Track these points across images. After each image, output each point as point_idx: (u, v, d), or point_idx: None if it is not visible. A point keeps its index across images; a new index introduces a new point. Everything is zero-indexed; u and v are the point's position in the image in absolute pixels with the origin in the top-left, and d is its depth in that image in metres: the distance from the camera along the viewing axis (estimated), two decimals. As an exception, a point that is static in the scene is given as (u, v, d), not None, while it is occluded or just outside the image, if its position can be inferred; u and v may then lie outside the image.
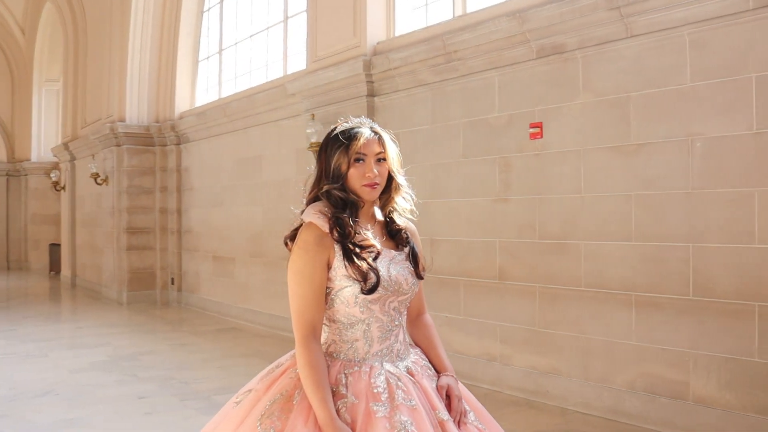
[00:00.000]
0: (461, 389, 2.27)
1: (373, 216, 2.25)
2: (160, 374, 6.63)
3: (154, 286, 11.90)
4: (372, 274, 2.09)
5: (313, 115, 7.73)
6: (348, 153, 2.15)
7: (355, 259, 2.09)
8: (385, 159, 2.19)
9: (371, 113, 7.35)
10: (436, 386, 2.21)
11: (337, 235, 2.10)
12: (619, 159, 5.05)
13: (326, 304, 2.16)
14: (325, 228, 2.11)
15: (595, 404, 5.18)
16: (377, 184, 2.17)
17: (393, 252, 2.23)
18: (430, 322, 2.43)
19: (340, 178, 2.16)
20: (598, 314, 5.19)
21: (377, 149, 2.18)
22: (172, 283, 11.86)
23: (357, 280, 2.09)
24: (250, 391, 2.20)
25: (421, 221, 2.38)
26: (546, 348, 5.57)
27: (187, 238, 11.59)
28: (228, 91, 10.72)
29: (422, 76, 6.74)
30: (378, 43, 7.38)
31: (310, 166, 2.33)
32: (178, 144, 11.65)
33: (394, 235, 2.27)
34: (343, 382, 2.08)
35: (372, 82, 7.29)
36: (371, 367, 2.12)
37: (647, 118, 4.87)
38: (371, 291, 2.09)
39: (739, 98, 4.36)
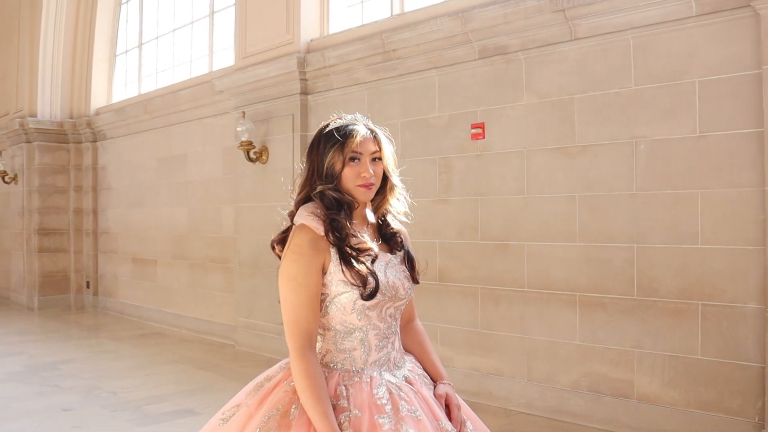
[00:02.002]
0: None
1: (365, 218, 2.13)
2: (84, 384, 6.27)
3: (68, 290, 11.31)
4: (371, 279, 1.98)
5: (243, 113, 7.51)
6: (343, 151, 2.02)
7: (354, 263, 1.97)
8: (380, 158, 2.08)
9: (304, 111, 7.22)
10: (434, 395, 2.13)
11: (333, 238, 1.97)
12: (562, 160, 5.09)
13: (320, 311, 2.03)
14: (320, 231, 1.99)
15: (539, 404, 5.21)
16: (372, 184, 2.06)
17: (389, 256, 2.12)
18: (421, 328, 2.33)
19: (333, 178, 2.03)
20: (542, 315, 5.22)
21: (373, 148, 2.06)
22: (88, 287, 11.31)
23: (356, 285, 1.97)
24: (237, 406, 2.05)
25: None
26: (488, 349, 5.57)
27: (104, 239, 11.08)
28: (148, 87, 10.30)
29: (359, 74, 6.64)
30: (312, 41, 7.23)
31: (301, 165, 2.19)
32: (95, 141, 11.11)
33: (388, 238, 2.16)
34: (344, 394, 1.96)
35: (306, 80, 7.15)
36: (371, 378, 2.01)
37: (591, 120, 4.93)
38: (371, 296, 1.97)
39: (682, 102, 4.46)
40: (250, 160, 7.55)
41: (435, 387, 2.17)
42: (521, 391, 5.32)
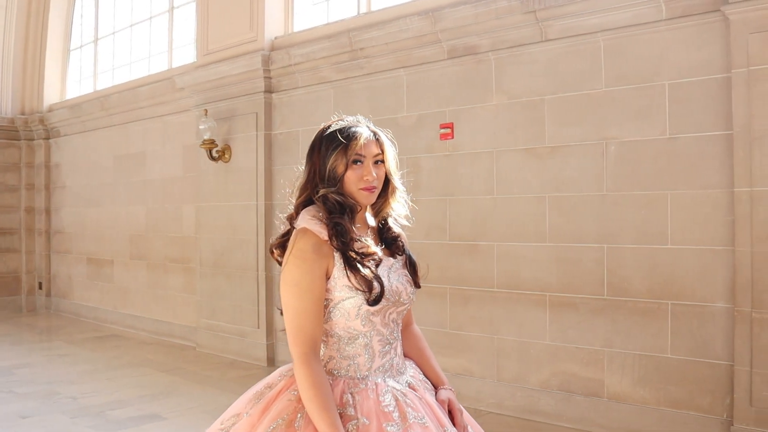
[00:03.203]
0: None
1: (366, 221, 2.09)
2: (42, 389, 6.07)
3: (20, 291, 10.95)
4: (376, 284, 1.94)
5: (206, 110, 7.37)
6: (346, 154, 1.98)
7: (360, 268, 1.92)
8: (383, 161, 2.04)
9: (268, 110, 7.12)
10: (437, 400, 2.10)
11: (338, 242, 1.92)
12: (532, 161, 5.11)
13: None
14: (323, 235, 1.93)
15: (509, 404, 5.22)
16: (375, 187, 2.02)
17: (391, 260, 2.08)
18: (419, 333, 2.30)
19: (336, 181, 1.99)
20: (511, 315, 5.24)
21: (375, 150, 2.03)
22: (40, 288, 10.99)
23: (361, 291, 1.93)
24: (237, 415, 1.98)
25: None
26: (457, 349, 5.57)
27: (57, 239, 10.78)
28: (104, 83, 10.03)
29: (325, 73, 6.58)
30: (276, 38, 7.14)
31: (299, 167, 2.13)
32: (48, 138, 10.80)
33: (389, 242, 2.12)
34: (351, 402, 1.92)
35: (270, 78, 7.06)
36: (376, 385, 1.97)
37: (562, 121, 4.96)
38: (376, 302, 1.93)
39: (652, 104, 4.52)
40: (213, 158, 7.42)
41: (436, 392, 2.16)
42: (491, 391, 5.33)
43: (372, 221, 2.12)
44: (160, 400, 5.76)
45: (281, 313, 2.00)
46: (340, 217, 1.95)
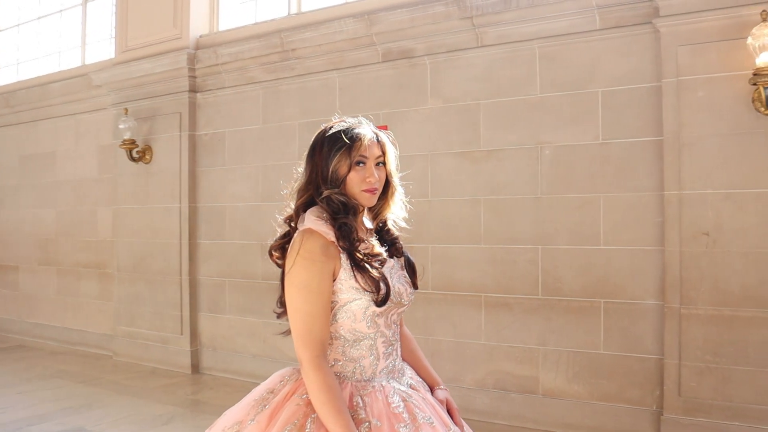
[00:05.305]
0: None
1: (363, 223, 2.09)
2: (-51, 407, 5.68)
3: None
4: (383, 285, 1.93)
5: (126, 109, 7.11)
6: (350, 155, 1.97)
7: (369, 268, 1.91)
8: (384, 163, 2.04)
9: (193, 110, 6.95)
10: (436, 400, 2.11)
11: (345, 243, 1.91)
12: (468, 164, 5.21)
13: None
14: (330, 236, 1.91)
15: (444, 403, 5.29)
16: (377, 189, 2.02)
17: (391, 261, 2.08)
18: (410, 334, 2.30)
19: (338, 182, 1.97)
20: (447, 316, 5.31)
21: (377, 152, 2.03)
22: (-66, 297, 10.28)
23: (369, 291, 1.92)
24: (239, 423, 1.91)
25: (253, 225, 2.21)
26: (392, 351, 5.59)
27: (-47, 244, 10.12)
28: (7, 78, 9.50)
29: (253, 73, 6.48)
30: (201, 36, 6.98)
31: (299, 169, 2.09)
32: (-57, 136, 10.14)
33: (389, 244, 2.12)
34: (361, 405, 1.90)
35: (195, 77, 6.89)
36: (383, 387, 1.97)
37: (497, 125, 5.08)
38: (383, 302, 1.93)
39: (586, 110, 4.70)
40: (133, 159, 7.16)
41: (433, 392, 2.17)
42: (426, 392, 5.38)
43: (369, 224, 2.12)
44: (82, 413, 5.49)
45: (278, 317, 1.97)
46: (345, 217, 1.95)
